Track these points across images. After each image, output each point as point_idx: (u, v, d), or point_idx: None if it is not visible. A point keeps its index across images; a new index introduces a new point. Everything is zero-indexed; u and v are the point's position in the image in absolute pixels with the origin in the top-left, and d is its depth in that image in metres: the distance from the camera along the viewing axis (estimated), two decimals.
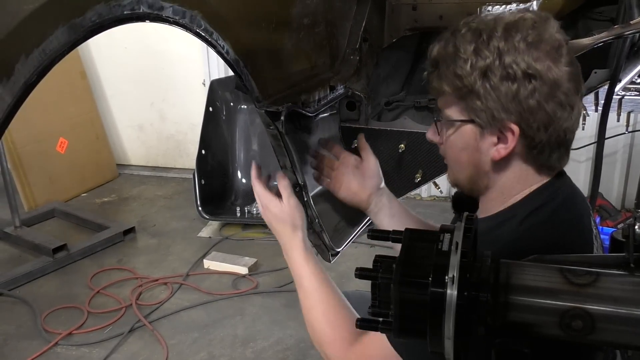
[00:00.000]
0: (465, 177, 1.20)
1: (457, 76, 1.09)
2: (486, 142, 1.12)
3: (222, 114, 4.26)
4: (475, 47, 1.07)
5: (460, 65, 1.08)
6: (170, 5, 0.93)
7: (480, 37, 1.07)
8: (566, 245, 1.11)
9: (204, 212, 3.98)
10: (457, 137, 1.15)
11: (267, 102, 1.21)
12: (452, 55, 1.09)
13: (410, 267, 0.77)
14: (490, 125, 1.09)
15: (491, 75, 1.06)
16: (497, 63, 1.05)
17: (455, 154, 1.19)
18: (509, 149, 1.10)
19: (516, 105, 1.06)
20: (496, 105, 1.07)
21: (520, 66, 1.04)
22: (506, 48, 1.05)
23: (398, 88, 1.86)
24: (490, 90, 1.06)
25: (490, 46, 1.06)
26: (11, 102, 0.74)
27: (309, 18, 1.34)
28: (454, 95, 1.12)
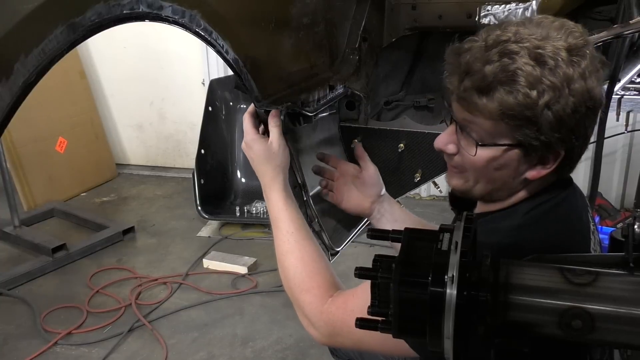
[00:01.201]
0: (485, 189, 1.15)
1: (521, 104, 1.00)
2: (526, 164, 1.09)
3: (221, 114, 4.25)
4: (540, 73, 0.99)
5: (524, 92, 0.99)
6: (170, 5, 0.93)
7: (546, 63, 0.99)
8: (566, 237, 1.12)
9: (203, 212, 3.98)
10: (497, 159, 1.09)
11: (266, 102, 1.21)
12: (512, 81, 1.00)
13: (410, 267, 0.77)
14: (540, 151, 1.06)
15: (557, 105, 1.00)
16: (566, 92, 0.99)
17: (487, 172, 1.11)
18: (550, 170, 1.08)
19: (571, 133, 1.03)
20: (555, 135, 1.02)
21: (584, 95, 1.00)
22: (574, 76, 1.00)
23: (397, 88, 1.86)
24: (553, 120, 1.00)
25: (560, 73, 0.99)
26: (10, 101, 0.73)
27: (309, 17, 1.34)
28: (505, 121, 1.03)
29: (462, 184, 1.17)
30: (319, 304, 1.22)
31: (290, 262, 1.29)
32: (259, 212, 4.07)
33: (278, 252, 1.32)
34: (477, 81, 1.03)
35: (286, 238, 1.31)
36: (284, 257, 1.31)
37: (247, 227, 4.06)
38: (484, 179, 1.13)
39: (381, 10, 1.64)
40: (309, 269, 1.27)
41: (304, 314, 1.26)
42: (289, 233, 1.30)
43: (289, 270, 1.29)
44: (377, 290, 0.80)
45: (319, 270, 1.27)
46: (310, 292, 1.25)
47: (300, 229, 1.31)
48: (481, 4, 1.53)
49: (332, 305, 1.21)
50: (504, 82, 1.00)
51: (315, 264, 1.28)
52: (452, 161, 1.17)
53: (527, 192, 1.14)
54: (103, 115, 5.16)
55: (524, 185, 1.13)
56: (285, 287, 1.31)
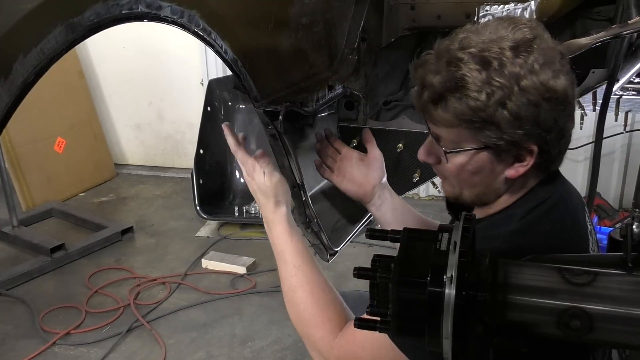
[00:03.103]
0: (472, 194, 1.17)
1: (472, 108, 1.02)
2: (502, 164, 1.10)
3: (220, 114, 4.25)
4: (487, 76, 1.01)
5: (474, 97, 1.01)
6: (169, 5, 0.93)
7: (490, 64, 1.01)
8: (565, 239, 1.13)
9: (202, 212, 3.98)
10: (469, 164, 1.11)
11: (265, 102, 1.21)
12: (461, 87, 1.02)
13: (409, 267, 0.77)
14: (508, 149, 1.07)
15: (510, 103, 1.01)
16: (516, 89, 1.01)
17: (465, 178, 1.14)
18: (528, 166, 1.09)
19: (536, 127, 1.04)
20: (517, 131, 1.04)
21: (538, 89, 1.01)
22: (522, 72, 1.01)
23: (396, 88, 1.86)
24: (510, 118, 1.02)
25: (505, 72, 1.01)
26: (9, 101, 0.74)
27: (308, 17, 1.34)
28: (464, 127, 1.06)
29: (451, 191, 1.20)
30: (331, 339, 1.21)
31: (299, 296, 1.27)
32: (257, 212, 4.07)
33: (285, 286, 1.30)
34: (431, 93, 1.06)
35: (293, 272, 1.29)
36: (292, 292, 1.28)
37: (245, 227, 4.06)
38: (465, 185, 1.15)
39: (380, 10, 1.64)
40: (320, 302, 1.25)
41: (315, 349, 1.25)
42: (296, 267, 1.29)
43: (299, 305, 1.27)
44: (376, 291, 0.80)
45: (329, 303, 1.25)
46: (322, 326, 1.23)
47: (307, 261, 1.29)
48: (480, 4, 1.53)
49: (342, 338, 1.20)
50: (452, 90, 1.03)
51: (326, 295, 1.26)
52: (436, 170, 1.20)
53: (519, 191, 1.15)
54: (102, 116, 5.16)
55: (509, 185, 1.14)
56: (294, 321, 1.29)
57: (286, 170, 1.39)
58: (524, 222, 1.11)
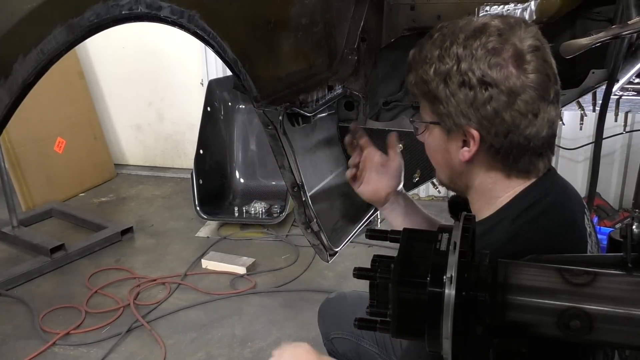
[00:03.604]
0: (445, 176, 1.23)
1: (423, 80, 1.12)
2: (453, 144, 1.15)
3: (220, 114, 4.25)
4: (439, 52, 1.09)
5: (425, 70, 1.11)
6: (169, 5, 0.93)
7: (445, 42, 1.09)
8: (558, 244, 1.11)
9: (202, 212, 3.98)
10: (429, 139, 1.20)
11: (265, 102, 1.21)
12: (421, 60, 1.13)
13: (409, 267, 0.77)
14: (454, 129, 1.12)
15: (449, 82, 1.09)
16: (455, 69, 1.07)
17: (431, 155, 1.23)
18: (472, 152, 1.12)
19: (474, 111, 1.08)
20: (456, 111, 1.10)
21: (475, 73, 1.06)
22: (464, 54, 1.07)
23: (396, 88, 1.86)
24: (450, 96, 1.09)
25: (451, 52, 1.08)
26: (9, 101, 0.74)
27: (307, 18, 1.34)
28: (423, 99, 1.16)
29: (436, 175, 1.28)
30: None
31: None
32: (257, 212, 4.07)
33: None
34: (407, 66, 1.19)
35: None
36: None
37: (245, 228, 4.06)
38: (436, 164, 1.24)
39: (380, 10, 1.64)
40: None
41: None
42: None
43: None
44: (376, 291, 0.80)
45: None
46: None
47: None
48: (480, 4, 1.54)
49: None
50: (417, 62, 1.15)
51: None
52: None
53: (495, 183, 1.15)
54: (101, 116, 5.16)
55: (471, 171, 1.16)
56: None
57: (286, 170, 1.39)
58: (514, 227, 1.10)
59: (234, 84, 1.22)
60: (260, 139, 4.24)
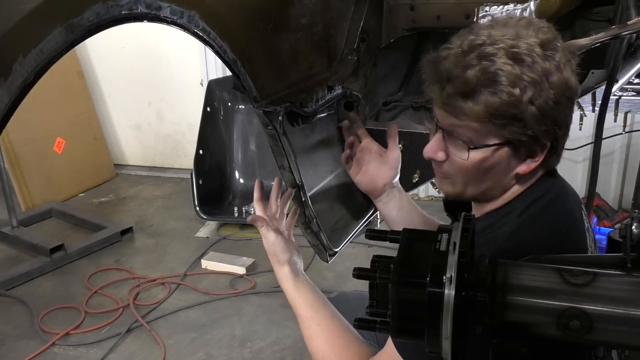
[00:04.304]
0: (477, 190, 1.16)
1: (505, 103, 1.02)
2: (515, 159, 1.11)
3: (219, 114, 4.25)
4: (520, 71, 1.01)
5: (507, 91, 1.01)
6: (168, 5, 0.93)
7: (523, 60, 1.02)
8: (562, 234, 1.13)
9: (201, 212, 3.98)
10: (488, 159, 1.10)
11: (265, 102, 1.21)
12: (494, 82, 1.02)
13: (408, 267, 0.77)
14: (527, 145, 1.08)
15: (539, 99, 1.02)
16: (546, 85, 1.02)
17: (476, 174, 1.13)
18: (538, 162, 1.11)
19: (554, 124, 1.07)
20: (540, 128, 1.05)
21: (562, 86, 1.04)
22: (550, 69, 1.03)
23: (396, 88, 1.86)
24: (537, 114, 1.03)
25: (537, 68, 1.02)
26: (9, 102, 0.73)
27: (307, 18, 1.34)
28: (491, 122, 1.05)
29: (452, 189, 1.19)
30: None
31: (316, 345, 1.32)
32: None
33: (304, 337, 1.35)
34: (460, 86, 1.05)
35: (307, 323, 1.34)
36: (309, 342, 1.33)
37: (245, 228, 4.06)
38: (474, 181, 1.15)
39: (379, 10, 1.64)
40: (337, 349, 1.30)
41: None
42: (308, 318, 1.33)
43: (317, 354, 1.32)
44: (376, 291, 0.80)
45: (347, 345, 1.29)
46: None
47: (319, 310, 1.34)
48: (479, 4, 1.54)
49: None
50: (486, 84, 1.03)
51: (342, 340, 1.30)
52: (441, 168, 1.18)
53: (519, 186, 1.16)
54: (101, 116, 5.16)
55: (516, 181, 1.15)
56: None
57: (286, 170, 1.39)
58: (522, 218, 1.12)
59: (234, 84, 1.22)
60: (260, 139, 4.24)
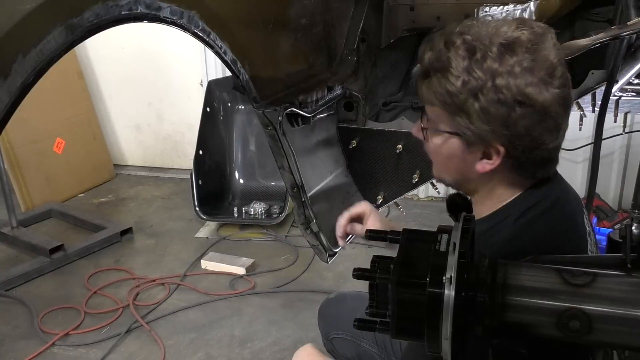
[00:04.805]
0: (451, 179, 1.21)
1: (447, 92, 1.05)
2: (472, 155, 1.11)
3: (219, 115, 4.25)
4: (468, 64, 1.03)
5: (451, 81, 1.04)
6: (168, 6, 0.93)
7: (475, 54, 1.03)
8: (562, 240, 1.12)
9: (201, 213, 3.98)
10: (444, 147, 1.14)
11: (264, 103, 1.21)
12: (444, 68, 1.05)
13: (408, 268, 0.77)
14: (476, 142, 1.08)
15: (481, 97, 1.03)
16: (490, 84, 1.02)
17: (442, 160, 1.18)
18: (494, 165, 1.10)
19: (504, 128, 1.05)
20: (484, 127, 1.05)
21: (512, 91, 1.02)
22: (500, 70, 1.02)
23: (396, 89, 1.86)
24: (479, 111, 1.04)
25: (484, 66, 1.02)
26: (8, 102, 0.74)
27: (307, 18, 1.34)
28: (442, 108, 1.09)
29: (436, 173, 1.24)
30: None
31: None
32: (257, 213, 4.07)
33: None
34: (421, 68, 1.11)
35: None
36: None
37: (245, 228, 4.06)
38: (443, 167, 1.19)
39: (379, 11, 1.64)
40: None
41: None
42: None
43: None
44: (375, 291, 0.80)
45: None
46: None
47: None
48: (479, 5, 1.54)
49: None
50: (437, 69, 1.06)
51: None
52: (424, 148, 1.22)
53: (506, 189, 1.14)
54: (101, 116, 5.16)
55: (487, 180, 1.14)
56: None
57: (285, 171, 1.39)
58: (518, 225, 1.11)
59: (234, 84, 1.22)
60: (260, 139, 4.24)
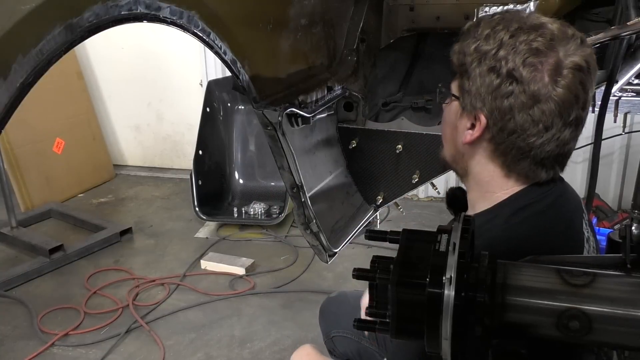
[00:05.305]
0: (449, 153, 1.24)
1: (463, 53, 1.12)
2: (462, 123, 1.16)
3: (219, 115, 4.25)
4: (488, 32, 1.09)
5: (469, 43, 1.11)
6: (168, 6, 0.93)
7: (498, 25, 1.09)
8: (550, 245, 1.10)
9: (201, 213, 3.98)
10: (447, 110, 1.21)
11: (264, 103, 1.21)
12: (472, 32, 1.12)
13: (408, 268, 0.77)
14: (468, 109, 1.13)
15: (483, 62, 1.08)
16: (493, 52, 1.07)
17: (445, 130, 1.24)
18: (474, 136, 1.13)
19: (491, 99, 1.09)
20: (476, 92, 1.10)
21: (508, 64, 1.06)
22: (508, 42, 1.06)
23: (395, 89, 1.86)
24: (478, 75, 1.09)
25: (497, 36, 1.07)
26: (8, 102, 0.73)
27: (307, 18, 1.34)
28: (457, 70, 1.15)
29: (442, 150, 1.28)
30: None
31: None
32: (256, 213, 4.07)
33: None
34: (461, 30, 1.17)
35: None
36: None
37: (244, 228, 4.06)
38: (445, 139, 1.25)
39: (379, 11, 1.64)
40: None
41: None
42: None
43: None
44: (375, 292, 0.80)
45: None
46: None
47: None
48: (479, 5, 1.54)
49: None
50: (467, 34, 1.14)
51: None
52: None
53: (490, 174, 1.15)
54: (100, 116, 5.16)
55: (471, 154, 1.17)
56: None
57: (285, 171, 1.39)
58: (508, 225, 1.10)
59: (233, 84, 1.22)
60: (260, 139, 4.24)
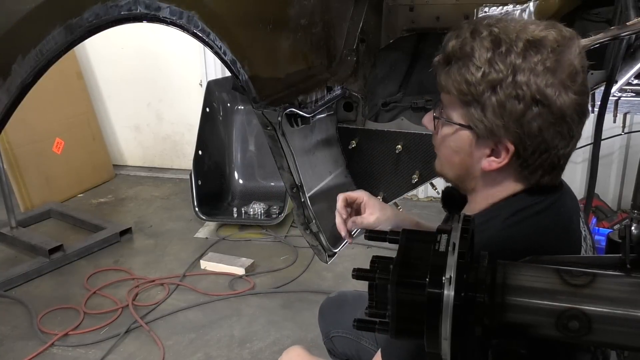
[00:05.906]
0: (453, 174, 1.19)
1: (466, 81, 1.04)
2: (480, 151, 1.10)
3: (219, 115, 4.25)
4: (491, 56, 1.02)
5: (472, 71, 1.03)
6: (167, 6, 0.93)
7: (500, 47, 1.02)
8: (549, 245, 1.10)
9: (200, 213, 3.98)
10: (452, 139, 1.13)
11: (264, 103, 1.21)
12: (467, 57, 1.04)
13: (408, 268, 0.77)
14: (486, 137, 1.07)
15: (500, 91, 1.02)
16: (510, 79, 1.01)
17: (448, 154, 1.16)
18: (501, 164, 1.09)
19: (517, 126, 1.03)
20: (497, 121, 1.04)
21: (531, 89, 1.01)
22: (522, 66, 1.01)
23: (395, 89, 1.86)
24: (496, 105, 1.03)
25: (507, 60, 1.01)
26: (8, 102, 0.73)
27: (306, 19, 1.34)
28: (457, 98, 1.08)
29: (438, 167, 1.22)
30: None
31: None
32: (256, 213, 4.07)
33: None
34: (443, 55, 1.09)
35: None
36: None
37: (244, 229, 4.06)
38: (447, 161, 1.17)
39: (379, 11, 1.64)
40: None
41: None
42: None
43: None
44: (375, 292, 0.80)
45: None
46: None
47: None
48: (479, 5, 1.54)
49: None
50: (459, 57, 1.05)
51: None
52: (432, 140, 1.21)
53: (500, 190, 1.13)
54: (100, 116, 5.16)
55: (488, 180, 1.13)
56: None
57: (285, 171, 1.39)
58: (505, 225, 1.09)
59: (233, 84, 1.22)
60: (259, 139, 4.24)
